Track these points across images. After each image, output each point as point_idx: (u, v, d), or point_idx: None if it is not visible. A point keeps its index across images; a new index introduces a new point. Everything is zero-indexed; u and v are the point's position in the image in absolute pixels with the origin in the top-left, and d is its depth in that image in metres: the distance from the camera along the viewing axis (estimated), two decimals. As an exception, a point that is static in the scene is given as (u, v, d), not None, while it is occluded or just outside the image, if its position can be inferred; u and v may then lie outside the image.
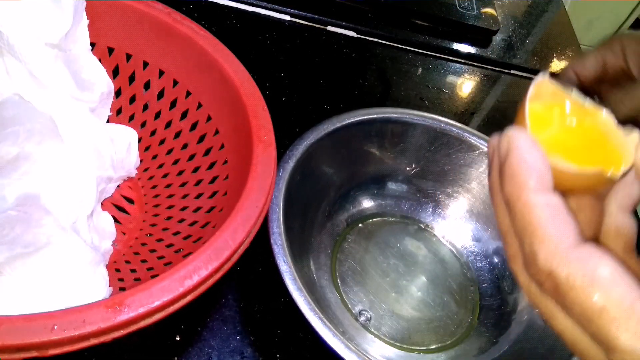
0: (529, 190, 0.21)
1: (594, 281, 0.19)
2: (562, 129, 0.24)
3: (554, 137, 0.24)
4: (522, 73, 0.71)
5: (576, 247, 0.20)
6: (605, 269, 0.19)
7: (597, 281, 0.19)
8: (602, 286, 0.19)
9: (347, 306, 0.44)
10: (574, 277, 0.19)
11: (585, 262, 0.19)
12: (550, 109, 0.24)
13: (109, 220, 0.40)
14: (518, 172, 0.21)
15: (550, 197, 0.21)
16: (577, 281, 0.19)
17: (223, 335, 0.38)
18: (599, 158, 0.23)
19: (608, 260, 0.19)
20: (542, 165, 0.21)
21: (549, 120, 0.24)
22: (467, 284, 0.48)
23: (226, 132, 0.42)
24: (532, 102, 0.24)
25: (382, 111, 0.48)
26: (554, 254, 0.20)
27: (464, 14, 0.70)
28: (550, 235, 0.20)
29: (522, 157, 0.21)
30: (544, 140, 0.23)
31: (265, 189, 0.35)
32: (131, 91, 0.45)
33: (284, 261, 0.36)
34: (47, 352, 0.25)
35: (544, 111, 0.24)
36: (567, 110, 0.24)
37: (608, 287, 0.19)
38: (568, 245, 0.20)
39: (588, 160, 0.23)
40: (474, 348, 0.44)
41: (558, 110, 0.25)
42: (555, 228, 0.20)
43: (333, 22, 0.65)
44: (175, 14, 0.42)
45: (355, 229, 0.49)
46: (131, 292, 0.27)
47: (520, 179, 0.21)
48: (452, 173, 0.50)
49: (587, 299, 0.19)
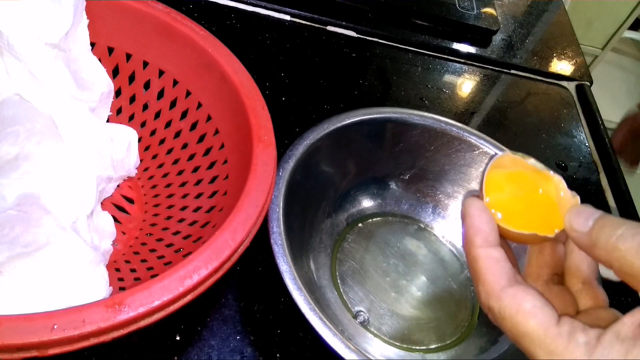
0: (475, 246, 0.27)
1: (518, 312, 0.24)
2: (515, 194, 0.29)
3: (507, 201, 0.29)
4: (522, 73, 0.71)
5: (507, 288, 0.25)
6: (527, 303, 0.24)
7: (521, 312, 0.24)
8: (524, 316, 0.24)
9: (347, 306, 0.44)
10: (504, 310, 0.25)
11: (512, 298, 0.25)
12: (507, 176, 0.29)
13: (108, 220, 0.40)
14: (469, 232, 0.27)
15: (491, 251, 0.27)
16: (506, 313, 0.25)
17: (223, 334, 0.38)
18: (543, 218, 0.28)
19: (530, 296, 0.25)
20: (487, 228, 0.27)
21: (505, 186, 0.29)
22: (467, 283, 0.48)
23: (226, 132, 0.42)
24: (493, 170, 0.29)
25: (382, 111, 0.48)
26: (490, 293, 0.26)
27: (464, 14, 0.70)
28: (487, 280, 0.26)
29: (471, 221, 0.27)
30: (497, 203, 0.28)
31: (265, 188, 0.35)
32: (131, 91, 0.45)
33: (284, 261, 0.36)
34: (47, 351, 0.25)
35: (502, 178, 0.29)
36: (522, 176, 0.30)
37: (528, 317, 0.24)
38: (501, 287, 0.25)
39: (532, 220, 0.28)
40: (474, 348, 0.44)
41: (515, 177, 0.30)
42: (490, 274, 0.26)
43: (333, 22, 0.65)
44: (175, 14, 0.42)
45: (355, 229, 0.49)
46: (131, 291, 0.27)
47: (470, 238, 0.27)
48: (452, 173, 0.50)
49: (514, 326, 0.25)
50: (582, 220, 0.26)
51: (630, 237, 0.23)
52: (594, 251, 0.25)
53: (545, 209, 0.29)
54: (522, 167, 0.30)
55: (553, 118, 0.67)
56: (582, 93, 0.71)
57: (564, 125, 0.66)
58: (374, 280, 0.46)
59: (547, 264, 0.29)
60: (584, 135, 0.65)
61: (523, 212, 0.29)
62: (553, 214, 0.28)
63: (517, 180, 0.30)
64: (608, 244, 0.24)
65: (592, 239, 0.25)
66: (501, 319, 0.25)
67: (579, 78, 0.73)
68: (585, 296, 0.28)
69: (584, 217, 0.26)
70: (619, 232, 0.24)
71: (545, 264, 0.29)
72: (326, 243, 0.46)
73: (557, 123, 0.66)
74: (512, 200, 0.29)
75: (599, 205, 0.58)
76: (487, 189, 0.29)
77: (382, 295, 0.45)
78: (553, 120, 0.66)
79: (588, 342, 0.23)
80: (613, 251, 0.24)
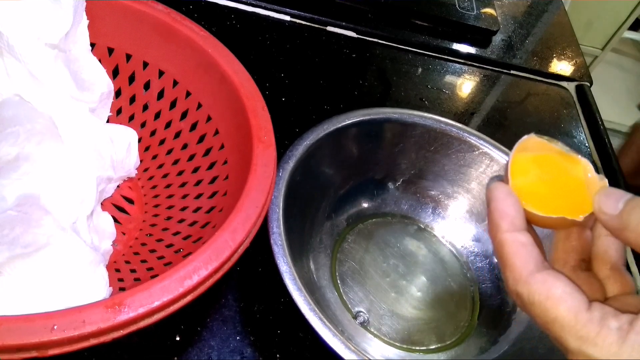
0: (502, 231, 0.26)
1: (548, 298, 0.24)
2: (541, 177, 0.28)
3: (533, 184, 0.28)
4: (522, 73, 0.71)
5: (535, 273, 0.25)
6: (557, 289, 0.24)
7: (550, 298, 0.24)
8: (554, 301, 0.24)
9: (347, 306, 0.44)
10: (533, 295, 0.25)
11: (541, 284, 0.25)
12: (533, 160, 0.29)
13: (108, 220, 0.40)
14: (494, 216, 0.27)
15: (517, 236, 0.26)
16: (535, 298, 0.24)
17: (223, 335, 0.38)
18: (570, 202, 0.28)
19: (560, 281, 0.24)
20: (513, 211, 0.27)
21: (531, 169, 0.29)
22: (467, 284, 0.48)
23: (226, 133, 0.42)
24: (518, 153, 0.29)
25: (382, 111, 0.48)
26: (517, 279, 0.25)
27: (464, 14, 0.70)
28: (515, 265, 0.26)
29: (496, 205, 0.27)
30: (523, 187, 0.28)
31: (265, 189, 0.35)
32: (131, 91, 0.45)
33: (284, 261, 0.36)
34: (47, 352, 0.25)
35: (528, 162, 0.29)
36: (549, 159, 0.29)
37: (558, 302, 0.24)
38: (529, 272, 0.25)
39: (559, 204, 0.27)
40: (474, 348, 0.44)
41: (541, 160, 0.29)
42: (519, 259, 0.26)
43: (333, 23, 0.65)
44: (175, 14, 0.42)
45: (355, 229, 0.49)
46: (131, 292, 0.27)
47: (495, 222, 0.27)
48: (452, 173, 0.50)
49: (543, 312, 0.24)
50: (612, 203, 0.25)
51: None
52: (623, 234, 0.25)
53: (573, 193, 0.28)
54: (548, 150, 0.29)
55: (553, 118, 0.67)
56: (582, 93, 0.71)
57: (564, 126, 0.66)
58: (374, 281, 0.46)
59: (575, 250, 0.29)
60: (583, 136, 0.65)
61: (550, 195, 0.28)
62: (581, 198, 0.27)
63: (543, 163, 0.29)
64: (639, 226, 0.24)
65: (623, 222, 0.25)
66: (530, 304, 0.25)
67: (579, 78, 0.73)
68: (613, 282, 0.28)
69: (614, 200, 0.25)
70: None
71: (572, 250, 0.29)
72: (326, 243, 0.46)
73: (557, 123, 0.66)
74: (538, 183, 0.28)
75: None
76: (512, 173, 0.28)
77: (382, 296, 0.45)
78: (553, 121, 0.66)
79: (620, 327, 0.23)
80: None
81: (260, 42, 0.59)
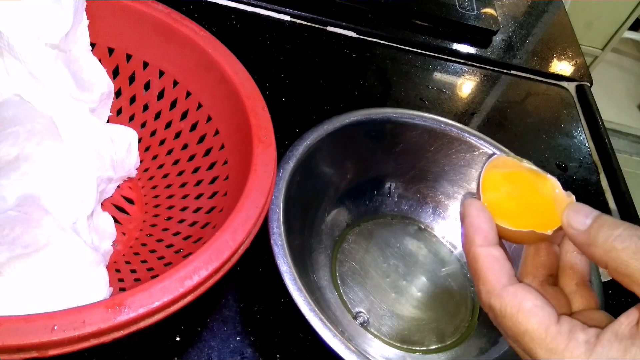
0: (475, 245, 0.27)
1: (519, 311, 0.25)
2: (511, 193, 0.29)
3: (504, 200, 0.29)
4: (522, 73, 0.71)
5: (508, 287, 0.26)
6: (528, 302, 0.25)
7: (522, 311, 0.25)
8: (525, 314, 0.25)
9: (347, 306, 0.44)
10: (505, 308, 0.25)
11: (513, 296, 0.25)
12: (504, 176, 0.30)
13: (109, 220, 0.40)
14: (469, 231, 0.28)
15: (491, 250, 0.27)
16: (507, 311, 0.25)
17: (223, 335, 0.38)
18: (539, 217, 0.28)
19: (531, 295, 0.25)
20: (486, 227, 0.27)
21: (501, 186, 0.30)
22: (467, 284, 0.48)
23: (226, 133, 0.42)
24: (489, 170, 0.30)
25: (382, 111, 0.48)
26: (490, 292, 0.26)
27: (464, 14, 0.70)
28: (488, 278, 0.26)
29: (471, 220, 0.28)
30: (494, 202, 0.29)
31: (266, 189, 0.35)
32: (131, 91, 0.45)
33: (284, 261, 0.36)
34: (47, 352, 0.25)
35: (498, 178, 0.30)
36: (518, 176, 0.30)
37: (529, 315, 0.24)
38: (502, 286, 0.26)
39: (529, 219, 0.28)
40: (474, 348, 0.44)
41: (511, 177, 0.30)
42: (492, 273, 0.26)
43: (333, 23, 0.65)
44: (175, 15, 0.42)
45: (355, 230, 0.49)
46: (131, 292, 0.27)
47: (470, 237, 0.28)
48: (452, 173, 0.50)
49: (515, 325, 0.25)
50: (581, 218, 0.26)
51: (628, 237, 0.24)
52: (590, 249, 0.25)
53: (542, 208, 0.29)
54: (517, 168, 0.30)
55: (553, 118, 0.67)
56: (582, 93, 0.71)
57: (564, 126, 0.66)
58: (374, 281, 0.46)
59: (543, 265, 0.30)
60: (584, 136, 0.65)
61: (520, 211, 0.29)
62: (549, 213, 0.28)
63: (514, 180, 0.30)
64: (606, 243, 0.24)
65: (590, 237, 0.25)
66: (502, 317, 0.25)
67: (579, 78, 0.73)
68: (579, 297, 0.29)
69: (583, 215, 0.26)
70: (617, 233, 0.24)
71: (541, 265, 0.30)
72: (326, 244, 0.46)
73: (557, 123, 0.66)
74: (508, 199, 0.29)
75: (599, 206, 0.58)
76: (484, 189, 0.29)
77: (382, 296, 0.45)
78: (553, 121, 0.66)
79: (588, 340, 0.23)
80: (610, 251, 0.24)
81: (260, 42, 0.59)
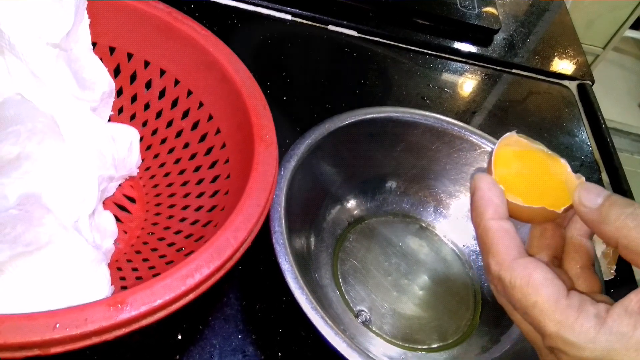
0: (486, 218, 0.27)
1: (529, 283, 0.25)
2: (522, 171, 0.30)
3: (515, 177, 0.29)
4: (524, 72, 0.71)
5: (517, 259, 0.26)
6: (539, 275, 0.25)
7: (532, 283, 0.25)
8: (535, 286, 0.25)
9: (348, 305, 0.44)
10: (515, 279, 0.25)
11: (523, 269, 0.25)
12: (516, 154, 0.30)
13: (110, 219, 0.40)
14: (479, 204, 0.28)
15: (501, 223, 0.27)
16: (516, 282, 0.25)
17: (225, 334, 0.38)
18: (549, 195, 0.28)
19: (541, 268, 0.25)
20: (497, 200, 0.28)
21: (513, 163, 0.30)
22: (468, 282, 0.48)
23: (228, 132, 0.42)
24: (501, 148, 0.30)
25: (383, 110, 0.48)
26: (501, 264, 0.26)
27: (465, 13, 0.70)
28: (499, 250, 0.26)
29: (482, 194, 0.28)
30: (506, 178, 0.29)
31: (267, 188, 0.35)
32: (132, 90, 0.45)
33: (286, 260, 0.36)
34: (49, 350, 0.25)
35: (510, 155, 0.30)
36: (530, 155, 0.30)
37: (539, 287, 0.25)
38: (512, 258, 0.26)
39: (539, 196, 0.28)
40: (476, 347, 0.44)
41: (523, 155, 0.30)
42: (502, 245, 0.26)
43: (334, 22, 0.65)
44: (176, 14, 0.42)
45: (357, 228, 0.49)
46: (133, 290, 0.27)
47: (480, 210, 0.28)
48: (454, 172, 0.50)
49: (524, 296, 0.25)
50: (592, 197, 0.26)
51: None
52: (601, 227, 0.26)
53: (553, 187, 0.29)
54: (529, 147, 0.31)
55: (555, 117, 0.67)
56: (584, 92, 0.71)
57: (566, 125, 0.66)
58: (375, 280, 0.46)
59: (549, 246, 0.30)
60: (585, 135, 0.65)
61: (531, 188, 0.29)
62: (560, 192, 0.28)
63: (525, 158, 0.30)
64: (618, 220, 0.25)
65: (602, 215, 0.26)
66: (511, 288, 0.26)
67: (581, 77, 0.73)
68: (582, 281, 0.29)
69: (594, 194, 0.26)
70: (629, 211, 0.25)
71: (546, 246, 0.30)
72: (328, 242, 0.46)
73: (559, 122, 0.66)
74: (520, 176, 0.29)
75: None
76: (495, 165, 0.29)
77: (384, 295, 0.45)
78: (555, 120, 0.66)
79: (598, 314, 0.24)
80: (622, 228, 0.25)
81: (261, 41, 0.59)
